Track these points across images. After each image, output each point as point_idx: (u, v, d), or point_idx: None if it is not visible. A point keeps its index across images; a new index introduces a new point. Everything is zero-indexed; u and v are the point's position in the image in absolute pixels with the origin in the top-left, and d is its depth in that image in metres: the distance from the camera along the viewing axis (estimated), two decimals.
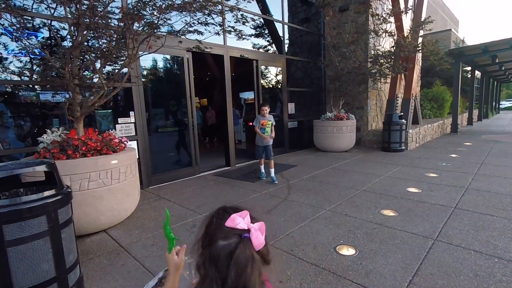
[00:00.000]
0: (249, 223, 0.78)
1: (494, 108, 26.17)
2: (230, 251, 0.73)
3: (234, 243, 0.74)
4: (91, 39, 3.62)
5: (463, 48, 12.23)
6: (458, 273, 2.25)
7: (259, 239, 0.75)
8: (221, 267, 0.73)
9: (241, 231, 0.76)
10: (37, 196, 1.77)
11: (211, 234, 0.79)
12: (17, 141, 4.07)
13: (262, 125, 5.13)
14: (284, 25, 8.16)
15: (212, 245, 0.76)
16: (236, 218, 0.78)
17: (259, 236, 0.75)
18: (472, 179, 4.82)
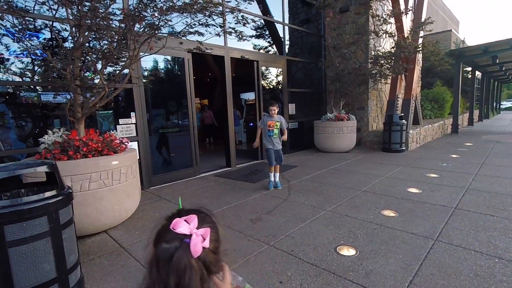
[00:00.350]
0: (193, 228, 0.73)
1: (495, 108, 26.14)
2: (169, 256, 0.70)
3: (173, 248, 0.71)
4: (93, 40, 3.64)
5: (463, 48, 12.23)
6: (459, 273, 2.25)
7: (196, 246, 0.70)
8: (162, 271, 0.71)
9: (183, 236, 0.72)
10: (38, 196, 1.78)
11: (158, 234, 0.77)
12: (18, 141, 4.08)
13: (269, 127, 4.62)
14: (285, 26, 8.18)
15: (157, 246, 0.74)
16: (178, 222, 0.74)
17: (198, 243, 0.71)
18: (473, 179, 4.81)
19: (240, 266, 2.49)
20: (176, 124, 5.92)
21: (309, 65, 9.31)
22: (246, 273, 2.37)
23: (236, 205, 4.03)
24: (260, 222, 3.41)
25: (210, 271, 0.74)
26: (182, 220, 0.75)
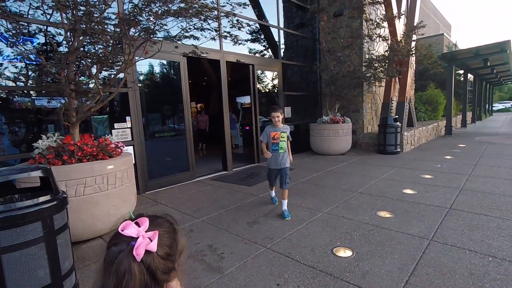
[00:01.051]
0: (141, 231, 0.70)
1: (487, 110, 26.48)
2: (113, 258, 0.68)
3: (117, 251, 0.68)
4: (87, 45, 3.63)
5: (455, 52, 12.41)
6: (454, 272, 2.27)
7: (139, 249, 0.66)
8: (106, 273, 0.68)
9: (129, 239, 0.69)
10: (32, 201, 1.77)
11: (110, 238, 0.74)
12: (12, 147, 4.04)
13: (273, 139, 3.69)
14: (280, 30, 8.24)
15: (107, 249, 0.72)
16: (127, 224, 0.71)
17: (141, 246, 0.67)
18: (467, 180, 4.86)
19: (237, 269, 2.48)
20: (172, 128, 5.91)
21: (304, 69, 9.37)
22: (243, 276, 2.36)
23: (233, 209, 4.03)
24: (257, 225, 3.41)
25: (156, 278, 0.69)
26: (132, 223, 0.72)
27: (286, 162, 3.75)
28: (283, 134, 3.69)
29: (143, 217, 0.75)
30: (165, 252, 0.72)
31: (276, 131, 3.69)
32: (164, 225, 0.79)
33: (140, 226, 0.72)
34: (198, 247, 2.93)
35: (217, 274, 2.42)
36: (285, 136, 3.71)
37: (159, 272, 0.69)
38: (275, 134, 3.68)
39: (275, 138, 3.68)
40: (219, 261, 2.63)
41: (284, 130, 3.73)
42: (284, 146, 3.70)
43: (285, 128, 3.77)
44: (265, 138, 3.75)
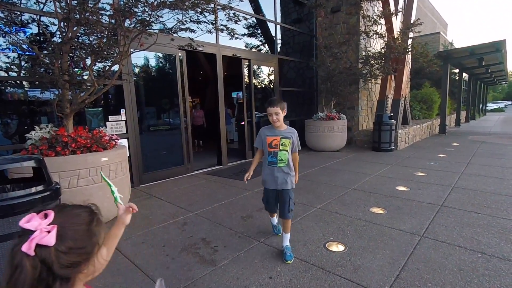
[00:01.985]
0: (41, 224, 0.68)
1: (481, 110, 26.76)
2: (11, 251, 0.67)
3: (15, 244, 0.67)
4: (82, 36, 3.58)
5: (451, 50, 12.49)
6: (443, 267, 2.31)
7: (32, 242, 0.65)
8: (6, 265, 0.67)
9: (29, 231, 0.67)
10: (24, 192, 1.76)
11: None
12: (4, 138, 3.99)
13: (270, 147, 2.60)
14: (277, 25, 8.20)
15: None
16: (31, 217, 0.69)
17: (34, 240, 0.65)
18: (459, 178, 4.93)
19: (230, 262, 2.50)
20: (167, 122, 5.88)
21: (300, 65, 9.36)
22: (236, 269, 2.38)
23: (227, 203, 4.04)
24: (251, 219, 3.43)
25: (54, 274, 0.67)
26: (36, 215, 0.71)
27: (288, 181, 2.59)
28: (284, 141, 2.55)
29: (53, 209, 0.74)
30: (68, 246, 0.70)
31: (275, 135, 2.57)
32: (78, 217, 0.77)
33: (46, 219, 0.70)
34: (192, 240, 2.94)
35: (210, 266, 2.44)
36: (287, 144, 2.55)
37: (56, 266, 0.67)
38: (272, 140, 2.56)
39: (273, 146, 2.57)
40: (212, 254, 2.64)
41: (286, 135, 2.57)
42: (286, 158, 2.57)
43: (288, 132, 2.60)
44: (259, 144, 2.67)
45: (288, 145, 2.57)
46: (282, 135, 2.57)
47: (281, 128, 2.61)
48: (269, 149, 2.59)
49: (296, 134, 2.65)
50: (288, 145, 2.58)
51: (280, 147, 2.56)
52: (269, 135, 2.60)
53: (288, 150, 2.59)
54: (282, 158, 2.58)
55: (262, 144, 2.65)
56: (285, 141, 2.57)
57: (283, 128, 2.62)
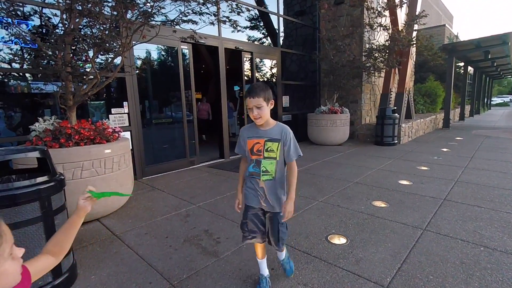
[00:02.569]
0: None
1: (486, 104, 26.54)
2: None
3: None
4: (84, 28, 3.57)
5: (456, 43, 12.33)
6: (445, 261, 2.32)
7: None
8: None
9: None
10: (30, 182, 1.77)
11: None
12: (8, 130, 4.01)
13: (253, 154, 1.88)
14: (279, 18, 8.12)
15: None
16: None
17: None
18: (462, 172, 4.91)
19: (232, 253, 2.52)
20: (170, 115, 5.89)
21: (303, 58, 9.29)
22: (238, 260, 2.40)
23: (230, 195, 4.05)
24: None
25: None
26: None
27: (277, 200, 1.87)
28: (270, 145, 1.81)
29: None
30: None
31: (258, 137, 1.84)
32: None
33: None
34: (194, 231, 2.96)
35: (213, 257, 2.46)
36: (275, 149, 1.81)
37: None
38: (254, 144, 1.84)
39: (255, 152, 1.85)
40: (215, 246, 2.66)
41: (274, 137, 1.82)
42: (273, 169, 1.84)
43: (276, 131, 1.83)
44: (240, 150, 1.95)
45: (276, 151, 1.80)
46: (267, 137, 1.81)
47: (266, 126, 1.83)
48: (251, 156, 1.86)
49: (290, 135, 1.82)
50: (277, 150, 1.80)
51: (264, 153, 1.81)
52: (250, 137, 1.85)
53: (277, 157, 1.81)
54: (267, 168, 1.82)
55: (244, 148, 1.90)
56: (272, 145, 1.80)
57: (269, 127, 1.83)
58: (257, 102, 1.73)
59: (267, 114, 1.79)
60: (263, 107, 1.75)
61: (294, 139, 1.84)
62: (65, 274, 2.01)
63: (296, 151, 1.85)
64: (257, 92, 1.73)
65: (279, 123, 1.87)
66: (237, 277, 2.18)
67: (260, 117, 1.77)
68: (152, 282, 2.15)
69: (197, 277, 2.20)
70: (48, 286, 1.88)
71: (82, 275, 2.25)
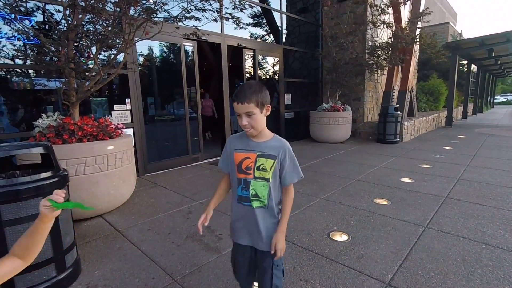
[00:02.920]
0: None
1: (489, 102, 26.38)
2: None
3: None
4: (87, 24, 3.57)
5: (460, 41, 12.24)
6: (447, 258, 2.32)
7: None
8: None
9: None
10: (33, 177, 1.79)
11: None
12: (11, 126, 4.04)
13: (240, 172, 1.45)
14: (282, 15, 8.09)
15: None
16: None
17: None
18: (464, 170, 4.90)
19: None
20: (172, 112, 5.90)
21: (306, 55, 9.26)
22: None
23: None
24: None
25: None
26: None
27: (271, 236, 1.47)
28: (263, 162, 1.43)
29: None
30: None
31: (248, 150, 1.46)
32: None
33: None
34: (197, 228, 2.97)
35: (215, 254, 2.47)
36: (268, 168, 1.43)
37: None
38: (243, 159, 1.46)
39: (244, 169, 1.46)
40: (217, 242, 2.68)
41: (268, 152, 1.43)
42: (265, 194, 1.46)
43: (273, 146, 1.45)
44: (224, 165, 1.57)
45: (269, 170, 1.40)
46: (260, 151, 1.41)
47: (260, 138, 1.44)
48: (238, 175, 1.46)
49: (289, 152, 1.43)
50: (270, 169, 1.40)
51: (255, 172, 1.41)
52: (240, 149, 1.46)
53: (270, 179, 1.41)
54: (258, 193, 1.43)
55: (230, 163, 1.50)
56: (266, 163, 1.40)
57: (264, 139, 1.44)
58: (246, 108, 1.31)
59: (261, 123, 1.38)
60: (256, 115, 1.33)
61: (294, 158, 1.45)
62: (69, 269, 2.03)
63: (295, 173, 1.44)
64: (246, 96, 1.31)
65: (277, 136, 1.47)
66: None
67: (252, 128, 1.36)
68: (155, 278, 2.17)
69: (200, 273, 2.21)
70: (52, 281, 1.90)
71: (85, 270, 2.27)
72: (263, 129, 1.42)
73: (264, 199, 1.45)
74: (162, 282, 2.10)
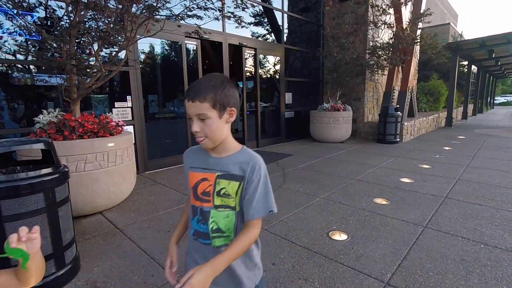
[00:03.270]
0: None
1: (489, 103, 26.39)
2: None
3: None
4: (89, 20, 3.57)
5: (460, 42, 12.24)
6: (445, 257, 2.33)
7: None
8: None
9: None
10: (34, 173, 1.79)
11: None
12: (12, 122, 4.04)
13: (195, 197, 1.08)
14: (284, 14, 8.09)
15: None
16: None
17: None
18: (464, 170, 4.91)
19: None
20: (173, 110, 5.90)
21: (307, 55, 9.26)
22: None
23: None
24: None
25: None
26: None
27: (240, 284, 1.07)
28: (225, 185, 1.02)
29: None
30: None
31: (206, 168, 1.06)
32: None
33: None
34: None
35: None
36: (232, 193, 1.01)
37: None
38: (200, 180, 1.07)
39: (200, 195, 1.07)
40: None
41: (232, 171, 1.01)
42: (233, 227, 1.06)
43: (239, 162, 1.02)
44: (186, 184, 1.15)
45: (235, 196, 1.03)
46: (220, 171, 1.03)
47: (221, 152, 1.06)
48: (194, 202, 1.11)
49: (260, 171, 1.01)
50: (236, 195, 1.03)
51: (215, 199, 1.04)
52: (195, 167, 1.10)
53: (236, 207, 1.04)
54: (221, 226, 1.06)
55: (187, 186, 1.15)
56: (228, 186, 1.02)
57: (227, 153, 1.05)
58: (197, 109, 0.94)
59: (219, 132, 0.98)
60: (211, 120, 0.95)
61: (267, 182, 1.02)
62: (68, 266, 2.03)
63: (264, 204, 1.01)
64: (200, 92, 0.94)
65: (246, 149, 1.06)
66: None
67: (205, 138, 0.97)
68: (154, 275, 2.17)
69: None
70: (52, 277, 1.90)
71: (84, 267, 2.28)
72: (225, 140, 1.02)
73: (230, 234, 1.04)
74: (161, 280, 2.11)
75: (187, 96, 0.96)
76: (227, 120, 1.01)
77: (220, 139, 1.01)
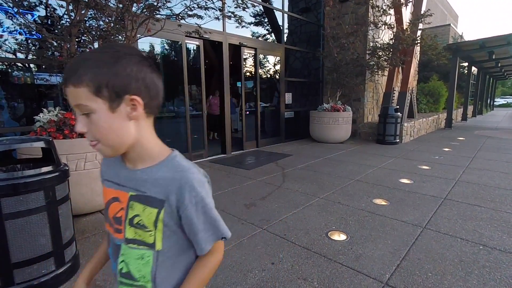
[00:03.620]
0: None
1: (489, 104, 26.41)
2: None
3: None
4: (90, 20, 3.58)
5: (460, 43, 12.25)
6: (444, 258, 2.33)
7: None
8: None
9: None
10: (34, 171, 1.79)
11: None
12: (12, 120, 4.04)
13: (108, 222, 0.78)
14: (284, 14, 8.09)
15: None
16: None
17: None
18: (463, 172, 4.91)
19: (233, 247, 2.54)
20: (173, 110, 5.91)
21: (307, 55, 9.26)
22: (239, 254, 2.42)
23: (231, 191, 4.07)
24: (254, 207, 3.46)
25: None
26: None
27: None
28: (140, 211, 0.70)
29: None
30: None
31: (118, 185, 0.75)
32: None
33: None
34: None
35: None
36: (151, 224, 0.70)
37: None
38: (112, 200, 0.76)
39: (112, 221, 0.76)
40: None
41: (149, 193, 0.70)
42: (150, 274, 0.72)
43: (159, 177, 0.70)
44: None
45: (154, 228, 0.71)
46: (134, 188, 0.72)
47: (137, 162, 0.74)
48: (108, 227, 0.81)
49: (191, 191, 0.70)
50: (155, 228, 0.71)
51: (127, 229, 0.73)
52: (108, 180, 0.79)
53: (156, 245, 0.72)
54: (132, 271, 0.74)
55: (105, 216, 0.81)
56: (143, 213, 0.71)
57: (144, 163, 0.73)
58: (73, 97, 0.65)
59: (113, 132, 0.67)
60: (97, 115, 0.65)
61: (206, 203, 0.74)
62: (68, 264, 2.03)
63: (212, 230, 0.74)
64: (74, 70, 0.64)
65: (173, 158, 0.76)
66: (238, 270, 2.21)
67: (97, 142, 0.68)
68: None
69: None
70: (51, 274, 1.91)
71: (84, 265, 2.28)
72: (137, 144, 0.72)
73: (144, 285, 0.74)
74: None
75: (64, 82, 0.65)
76: (130, 115, 0.67)
77: (122, 143, 0.68)
